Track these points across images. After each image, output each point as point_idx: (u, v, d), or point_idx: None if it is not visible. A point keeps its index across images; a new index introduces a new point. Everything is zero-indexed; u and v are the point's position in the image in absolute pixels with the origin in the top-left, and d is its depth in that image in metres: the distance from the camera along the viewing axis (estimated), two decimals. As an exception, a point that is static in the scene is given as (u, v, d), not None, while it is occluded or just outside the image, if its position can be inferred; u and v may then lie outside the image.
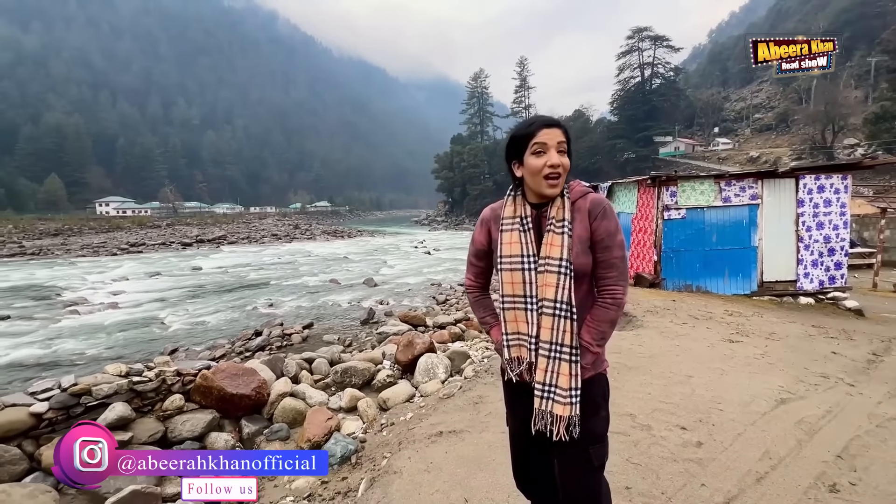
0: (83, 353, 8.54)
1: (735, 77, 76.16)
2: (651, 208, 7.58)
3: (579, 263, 1.25)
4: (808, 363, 3.89)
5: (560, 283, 1.23)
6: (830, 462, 2.32)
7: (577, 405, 1.24)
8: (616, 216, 1.28)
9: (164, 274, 19.03)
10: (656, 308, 5.77)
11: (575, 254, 1.24)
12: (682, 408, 2.88)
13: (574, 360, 1.25)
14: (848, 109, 40.17)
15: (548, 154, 1.24)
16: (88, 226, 46.83)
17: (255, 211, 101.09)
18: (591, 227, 1.26)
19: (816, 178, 7.40)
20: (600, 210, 1.26)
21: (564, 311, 1.23)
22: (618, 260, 1.26)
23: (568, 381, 1.24)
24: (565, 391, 1.24)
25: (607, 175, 48.40)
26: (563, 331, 1.24)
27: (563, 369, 1.25)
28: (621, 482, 2.09)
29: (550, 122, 1.27)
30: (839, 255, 7.54)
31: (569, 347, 1.24)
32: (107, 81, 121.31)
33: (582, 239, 1.26)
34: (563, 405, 1.24)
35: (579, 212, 1.28)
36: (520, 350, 1.33)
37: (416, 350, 5.57)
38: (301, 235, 43.10)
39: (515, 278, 1.29)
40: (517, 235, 1.31)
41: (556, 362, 1.26)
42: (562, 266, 1.23)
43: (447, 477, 2.16)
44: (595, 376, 1.31)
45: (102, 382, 3.91)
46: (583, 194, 1.31)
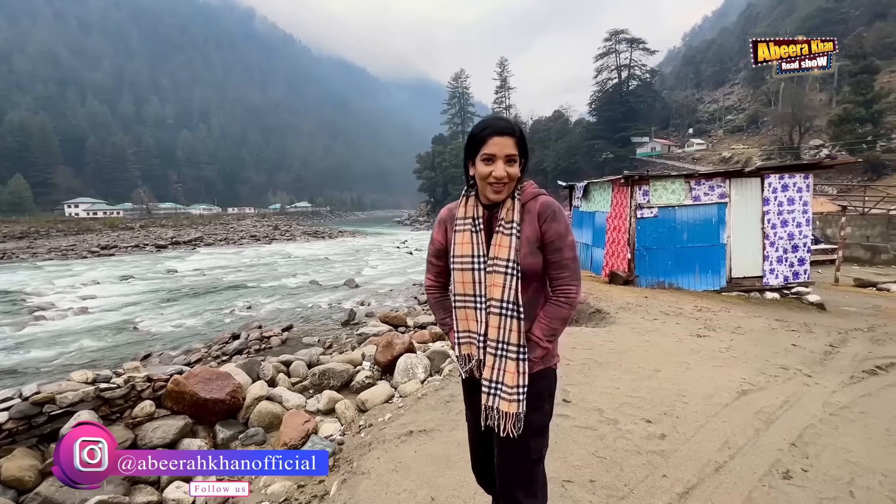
0: (49, 360, 8.24)
1: (708, 79, 78.48)
2: (625, 207, 7.76)
3: (527, 264, 1.27)
4: (769, 356, 4.06)
5: (506, 283, 1.25)
6: (785, 450, 2.44)
7: (522, 402, 1.26)
8: (566, 218, 1.30)
9: (138, 277, 18.48)
10: (629, 305, 5.92)
11: (522, 255, 1.26)
12: (649, 401, 2.98)
13: (521, 358, 1.27)
14: (813, 112, 41.85)
15: (495, 164, 1.24)
16: (56, 228, 45.00)
17: (233, 212, 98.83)
18: (541, 229, 1.28)
19: (781, 177, 7.70)
20: (550, 213, 1.28)
21: (511, 310, 1.26)
22: (569, 261, 1.29)
23: (514, 378, 1.26)
24: (511, 388, 1.26)
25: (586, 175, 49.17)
26: (510, 330, 1.26)
27: (510, 367, 1.27)
28: (586, 476, 2.15)
29: (503, 130, 1.26)
30: (802, 252, 7.86)
31: (515, 346, 1.27)
32: (75, 78, 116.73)
33: (530, 240, 1.28)
34: (509, 402, 1.26)
35: (529, 213, 1.29)
36: (470, 348, 1.36)
37: (395, 350, 5.56)
38: (281, 236, 42.46)
39: (466, 278, 1.32)
40: (469, 236, 1.33)
41: (502, 360, 1.28)
42: (508, 267, 1.25)
43: (415, 476, 2.18)
44: (544, 371, 1.34)
45: (67, 390, 3.79)
46: (534, 196, 1.32)
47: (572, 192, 10.68)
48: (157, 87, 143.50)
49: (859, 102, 32.23)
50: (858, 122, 32.36)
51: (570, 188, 10.88)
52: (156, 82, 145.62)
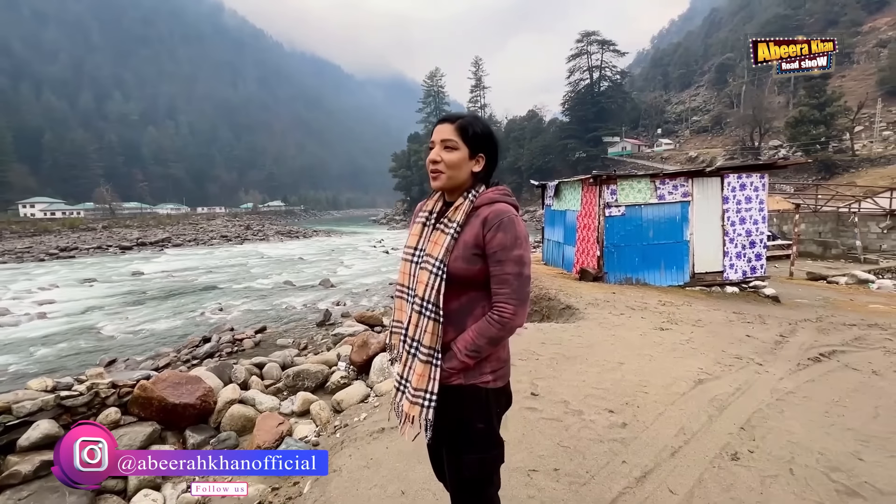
0: (4, 369, 7.86)
1: (675, 81, 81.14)
2: (594, 206, 8.00)
3: (455, 268, 1.19)
4: (725, 346, 4.30)
5: (430, 281, 1.20)
6: (735, 433, 2.61)
7: (427, 409, 1.20)
8: (519, 230, 1.19)
9: (100, 280, 17.75)
10: (597, 301, 6.12)
11: (453, 257, 1.20)
12: (612, 392, 3.12)
13: (433, 363, 1.21)
14: (772, 114, 43.99)
15: (433, 150, 1.25)
16: (10, 229, 42.58)
17: (203, 211, 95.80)
18: (484, 238, 1.19)
19: (739, 177, 8.10)
20: (497, 221, 1.18)
21: (429, 310, 1.20)
22: (510, 276, 1.18)
23: (421, 381, 1.21)
24: (416, 391, 1.22)
25: (560, 173, 50.05)
26: (424, 330, 1.21)
27: (417, 368, 1.22)
28: (550, 464, 2.26)
29: (444, 119, 1.26)
30: (759, 248, 8.29)
31: (427, 348, 1.21)
32: (29, 71, 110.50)
33: (468, 245, 1.20)
34: (411, 403, 1.23)
35: (477, 217, 1.22)
36: (396, 339, 1.36)
37: (370, 350, 5.58)
38: (253, 236, 41.54)
39: (405, 269, 1.31)
40: (419, 228, 1.32)
41: (413, 359, 1.25)
42: (435, 265, 1.20)
43: (386, 472, 2.23)
44: (467, 387, 1.23)
45: (24, 399, 3.65)
46: (490, 202, 1.24)
47: (544, 191, 10.90)
48: (120, 82, 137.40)
49: (813, 105, 34.03)
50: (813, 125, 34.17)
51: (543, 187, 11.10)
52: (119, 77, 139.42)
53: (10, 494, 3.12)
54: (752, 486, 2.12)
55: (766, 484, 2.13)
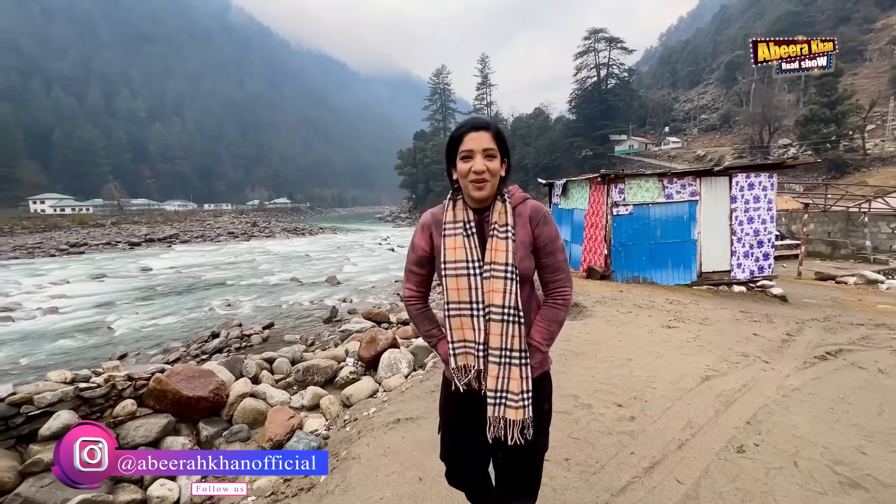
0: (17, 362, 8.02)
1: (684, 79, 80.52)
2: (601, 205, 8.02)
3: (523, 267, 1.25)
4: (732, 344, 4.33)
5: (507, 287, 1.22)
6: (741, 428, 2.66)
7: (528, 408, 1.26)
8: (555, 222, 1.31)
9: (110, 276, 17.98)
10: (605, 299, 6.16)
11: (519, 258, 1.25)
12: (620, 387, 3.17)
13: (524, 363, 1.26)
14: (782, 112, 43.53)
15: (474, 159, 1.22)
16: (21, 225, 43.13)
17: (210, 208, 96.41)
18: (534, 233, 1.27)
19: (747, 176, 8.08)
20: (541, 216, 1.28)
21: (513, 315, 1.23)
22: (563, 262, 1.30)
23: (519, 384, 1.25)
24: (517, 395, 1.25)
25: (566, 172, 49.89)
26: (512, 336, 1.24)
27: (514, 374, 1.25)
28: (561, 455, 2.32)
29: (478, 125, 1.25)
30: (767, 247, 8.27)
31: (518, 352, 1.25)
32: (39, 68, 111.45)
33: (525, 244, 1.27)
34: (516, 409, 1.25)
35: (521, 217, 1.28)
36: (466, 358, 1.31)
37: (379, 346, 5.65)
38: (260, 233, 41.81)
39: (461, 284, 1.26)
40: (461, 240, 1.28)
41: (506, 368, 1.25)
42: (508, 271, 1.22)
43: (403, 459, 2.30)
44: (542, 374, 1.34)
45: (45, 390, 3.75)
46: (522, 200, 1.32)
47: (552, 189, 10.92)
48: (128, 79, 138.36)
49: (824, 104, 33.64)
50: (823, 123, 33.79)
51: (550, 185, 11.11)
52: (126, 74, 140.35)
53: (32, 482, 3.22)
54: (758, 477, 2.17)
55: (770, 475, 2.18)
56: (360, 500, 2.06)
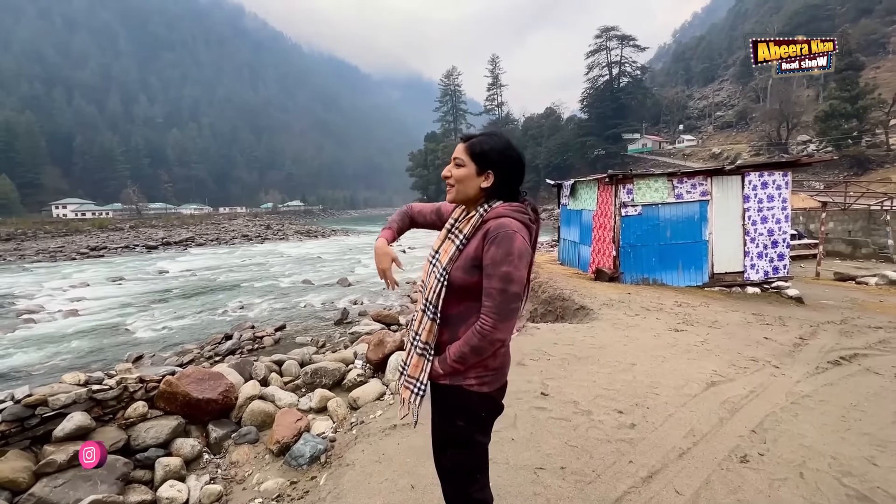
0: (40, 363, 8.25)
1: (698, 76, 79.16)
2: (610, 205, 7.93)
3: (455, 278, 1.29)
4: (741, 348, 4.24)
5: (433, 286, 1.32)
6: (745, 436, 2.59)
7: (418, 396, 1.35)
8: (514, 246, 1.22)
9: (128, 278, 18.40)
10: (612, 301, 6.08)
11: (455, 266, 1.29)
12: (623, 393, 3.13)
13: (426, 356, 1.34)
14: (801, 108, 42.44)
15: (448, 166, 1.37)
16: (44, 229, 44.44)
17: (225, 211, 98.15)
18: (484, 249, 1.25)
19: (760, 175, 7.90)
20: (494, 235, 1.23)
21: (430, 311, 1.32)
22: (494, 291, 1.22)
23: (415, 370, 1.36)
24: (409, 378, 1.38)
25: (578, 171, 49.46)
26: (424, 327, 1.34)
27: (416, 361, 1.36)
28: (557, 463, 2.29)
29: (462, 137, 1.38)
30: (782, 247, 8.08)
31: (423, 343, 1.34)
32: (61, 77, 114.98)
33: (469, 256, 1.28)
34: (405, 388, 1.39)
35: (482, 231, 1.28)
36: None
37: (386, 349, 5.67)
38: (273, 236, 42.31)
39: (425, 268, 1.44)
40: (444, 234, 1.41)
41: (413, 349, 1.39)
42: (440, 271, 1.31)
43: (397, 466, 2.31)
44: (451, 386, 1.32)
45: (59, 392, 3.85)
46: (497, 216, 1.28)
47: (560, 190, 10.84)
48: (146, 86, 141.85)
49: (845, 98, 32.72)
50: (844, 118, 32.86)
51: (559, 186, 11.03)
52: (144, 81, 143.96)
53: (46, 482, 3.31)
54: (761, 488, 2.11)
55: (774, 487, 2.12)
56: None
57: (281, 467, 3.12)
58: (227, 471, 3.72)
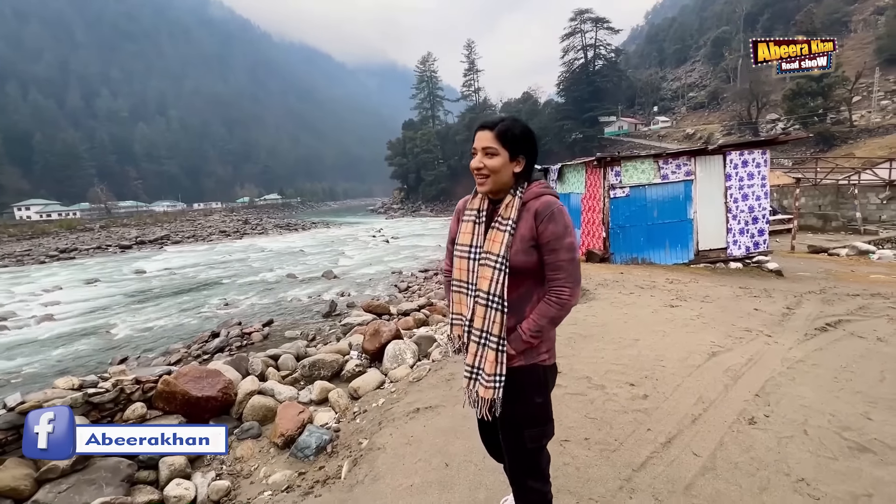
0: (18, 371, 7.94)
1: (671, 57, 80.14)
2: (598, 188, 8.03)
3: (517, 262, 1.30)
4: (735, 320, 4.41)
5: (494, 277, 1.30)
6: (750, 400, 2.72)
7: (499, 390, 1.33)
8: (566, 219, 1.29)
9: (103, 280, 17.78)
10: (606, 281, 6.21)
11: (514, 251, 1.30)
12: (631, 367, 3.22)
13: (500, 349, 1.33)
14: (769, 87, 43.45)
15: (475, 157, 1.33)
16: (7, 233, 42.40)
17: (200, 207, 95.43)
18: (538, 230, 1.28)
19: (740, 153, 8.11)
20: (547, 213, 1.28)
21: (495, 303, 1.30)
22: (565, 262, 1.27)
23: (492, 367, 1.33)
24: (489, 376, 1.33)
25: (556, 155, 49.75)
26: (493, 321, 1.31)
27: (489, 356, 1.33)
28: (581, 434, 2.36)
29: (484, 124, 1.34)
30: (761, 223, 8.36)
31: (496, 337, 1.32)
32: (14, 71, 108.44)
33: (524, 238, 1.30)
34: (486, 388, 1.34)
35: (528, 212, 1.31)
36: (459, 329, 1.45)
37: (383, 338, 5.66)
38: (252, 231, 41.45)
39: (462, 265, 1.39)
40: (471, 226, 1.39)
41: (483, 348, 1.35)
42: (498, 262, 1.29)
43: (427, 447, 2.34)
44: (526, 366, 1.35)
45: (54, 397, 3.73)
46: (536, 195, 1.33)
47: (547, 174, 10.90)
48: (108, 79, 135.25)
49: (810, 77, 33.71)
50: (810, 97, 33.96)
51: (545, 171, 11.09)
52: (105, 74, 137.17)
53: (49, 488, 3.22)
54: (770, 446, 2.23)
55: (782, 444, 2.24)
56: (390, 488, 2.10)
57: (287, 459, 3.12)
58: (233, 466, 3.69)
